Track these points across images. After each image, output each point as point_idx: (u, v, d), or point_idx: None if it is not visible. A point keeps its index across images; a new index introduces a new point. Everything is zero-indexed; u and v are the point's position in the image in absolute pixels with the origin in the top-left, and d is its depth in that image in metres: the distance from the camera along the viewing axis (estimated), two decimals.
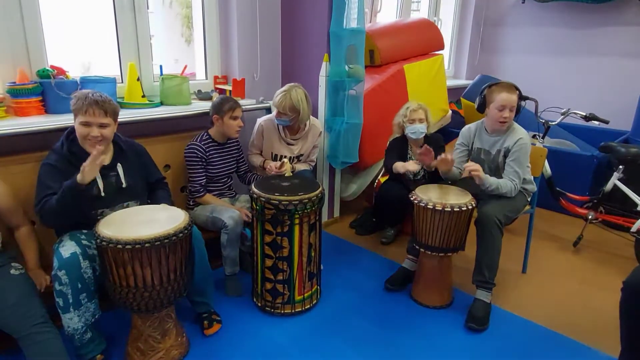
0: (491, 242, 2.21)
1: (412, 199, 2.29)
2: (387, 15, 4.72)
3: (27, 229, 1.93)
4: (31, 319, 1.60)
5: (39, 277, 1.86)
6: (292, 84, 2.61)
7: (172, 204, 2.07)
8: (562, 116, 3.28)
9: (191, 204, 2.52)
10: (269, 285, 2.23)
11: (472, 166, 2.28)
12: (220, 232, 2.32)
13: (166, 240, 1.65)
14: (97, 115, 1.81)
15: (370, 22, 4.43)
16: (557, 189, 3.27)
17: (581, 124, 3.65)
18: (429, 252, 2.28)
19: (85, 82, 2.26)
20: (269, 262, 2.19)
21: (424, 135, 2.74)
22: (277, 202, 2.06)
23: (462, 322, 2.24)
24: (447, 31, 4.94)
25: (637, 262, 2.66)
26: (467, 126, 2.59)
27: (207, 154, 2.44)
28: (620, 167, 2.98)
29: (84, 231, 1.88)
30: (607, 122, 3.16)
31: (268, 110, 2.99)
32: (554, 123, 3.31)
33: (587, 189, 3.50)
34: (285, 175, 2.41)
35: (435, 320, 2.27)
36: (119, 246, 1.60)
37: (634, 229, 2.72)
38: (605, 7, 4.22)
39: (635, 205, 2.95)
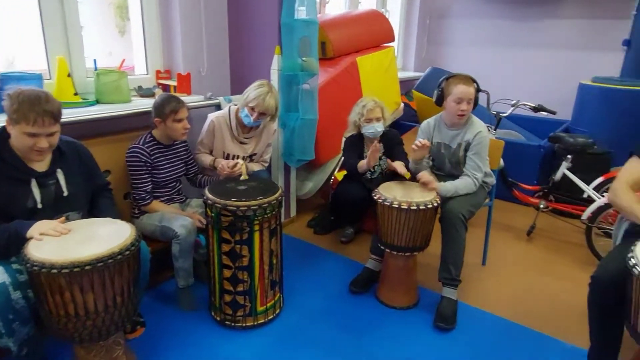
0: (457, 239, 2.17)
1: (375, 197, 2.20)
2: (335, 6, 4.63)
3: None
4: None
5: None
6: (263, 81, 2.46)
7: (117, 216, 1.84)
8: (512, 108, 3.33)
9: (136, 212, 2.28)
10: (228, 298, 2.07)
11: (425, 178, 2.24)
12: (171, 242, 2.12)
13: (110, 261, 1.44)
14: (47, 125, 1.54)
15: (320, 13, 4.30)
16: (510, 179, 3.32)
17: (523, 114, 3.73)
18: (395, 252, 2.21)
19: (6, 78, 1.97)
20: (227, 273, 2.03)
21: (381, 133, 2.65)
22: (234, 208, 1.90)
23: (429, 321, 2.20)
24: (394, 23, 4.90)
25: (588, 249, 2.74)
26: (426, 121, 2.53)
27: (152, 157, 2.22)
28: (569, 156, 3.06)
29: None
30: (554, 113, 3.24)
31: (217, 107, 2.78)
32: (504, 115, 3.35)
33: (535, 179, 3.60)
34: (241, 178, 2.24)
35: (403, 321, 2.21)
36: (54, 271, 1.37)
37: (584, 216, 2.80)
38: (544, 0, 4.36)
39: (583, 193, 3.06)
